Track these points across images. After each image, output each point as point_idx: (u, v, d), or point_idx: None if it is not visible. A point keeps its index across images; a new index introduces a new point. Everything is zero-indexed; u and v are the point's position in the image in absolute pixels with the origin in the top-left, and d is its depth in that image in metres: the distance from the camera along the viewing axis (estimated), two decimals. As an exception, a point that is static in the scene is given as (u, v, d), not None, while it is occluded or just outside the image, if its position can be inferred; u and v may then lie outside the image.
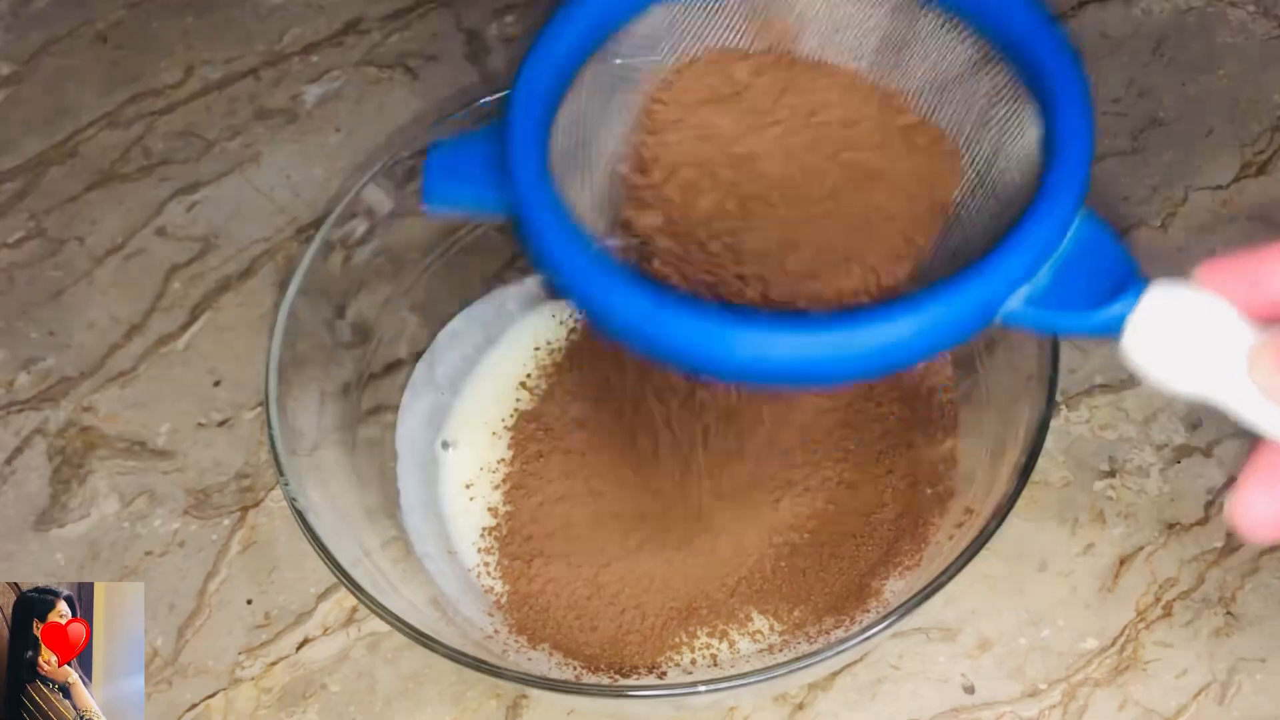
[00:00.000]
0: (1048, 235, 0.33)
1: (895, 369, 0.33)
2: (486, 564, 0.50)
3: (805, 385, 0.41)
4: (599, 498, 0.50)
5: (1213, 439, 0.52)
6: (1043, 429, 0.43)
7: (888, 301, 0.33)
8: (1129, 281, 0.32)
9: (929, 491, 0.50)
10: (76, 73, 0.68)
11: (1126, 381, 0.53)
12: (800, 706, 0.48)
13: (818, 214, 0.37)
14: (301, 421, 0.48)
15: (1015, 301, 0.33)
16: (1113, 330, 0.32)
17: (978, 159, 0.37)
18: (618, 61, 0.39)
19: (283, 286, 0.57)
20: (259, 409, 0.56)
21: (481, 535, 0.51)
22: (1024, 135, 0.36)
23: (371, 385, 0.52)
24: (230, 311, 0.59)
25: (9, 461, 0.56)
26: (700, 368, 0.34)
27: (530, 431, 0.53)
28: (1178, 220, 0.58)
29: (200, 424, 0.56)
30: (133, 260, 0.61)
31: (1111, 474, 0.52)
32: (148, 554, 0.53)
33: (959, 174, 0.37)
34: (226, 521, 0.53)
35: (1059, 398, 0.45)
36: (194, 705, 0.49)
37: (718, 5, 0.39)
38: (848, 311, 0.33)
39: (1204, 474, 0.52)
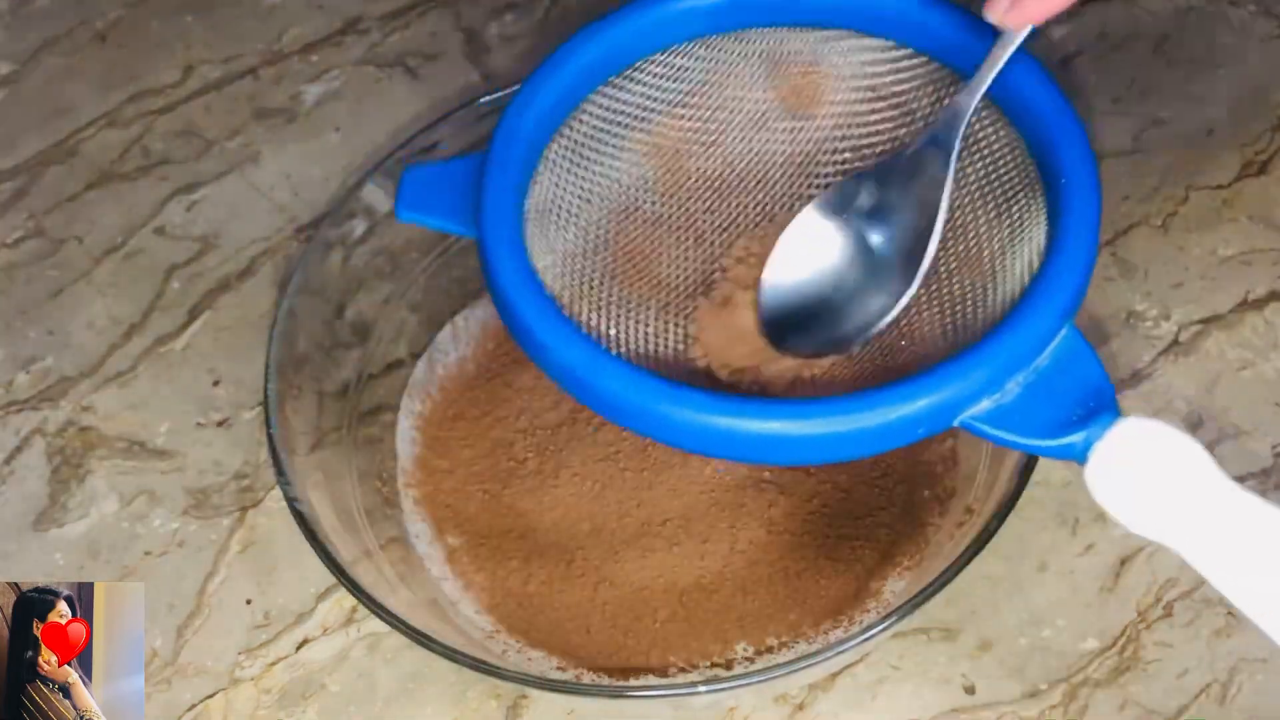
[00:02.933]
0: (1019, 350, 0.30)
1: (849, 458, 0.33)
2: (486, 565, 0.50)
3: (754, 462, 0.43)
4: (599, 498, 0.50)
5: (1213, 439, 0.52)
6: (1043, 429, 0.43)
7: (831, 395, 0.32)
8: (1102, 408, 0.30)
9: (929, 492, 0.50)
10: (76, 72, 0.68)
11: (1127, 382, 0.53)
12: (800, 707, 0.48)
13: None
14: (301, 421, 0.48)
15: (979, 409, 0.31)
16: (1075, 457, 0.30)
17: (987, 244, 0.36)
18: (617, 107, 0.39)
19: (282, 286, 0.57)
20: (258, 409, 0.56)
21: (481, 535, 0.51)
22: (1033, 233, 0.34)
23: (371, 385, 0.52)
24: (230, 311, 0.59)
25: (8, 461, 0.56)
26: (666, 437, 0.35)
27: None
28: (1178, 220, 0.58)
29: (199, 424, 0.56)
30: (132, 260, 0.61)
31: (1112, 474, 0.52)
32: (147, 554, 0.53)
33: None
34: (226, 521, 0.53)
35: (1059, 398, 0.45)
36: (194, 705, 0.49)
37: (733, 62, 0.39)
38: (796, 401, 0.33)
39: (1204, 474, 0.52)
